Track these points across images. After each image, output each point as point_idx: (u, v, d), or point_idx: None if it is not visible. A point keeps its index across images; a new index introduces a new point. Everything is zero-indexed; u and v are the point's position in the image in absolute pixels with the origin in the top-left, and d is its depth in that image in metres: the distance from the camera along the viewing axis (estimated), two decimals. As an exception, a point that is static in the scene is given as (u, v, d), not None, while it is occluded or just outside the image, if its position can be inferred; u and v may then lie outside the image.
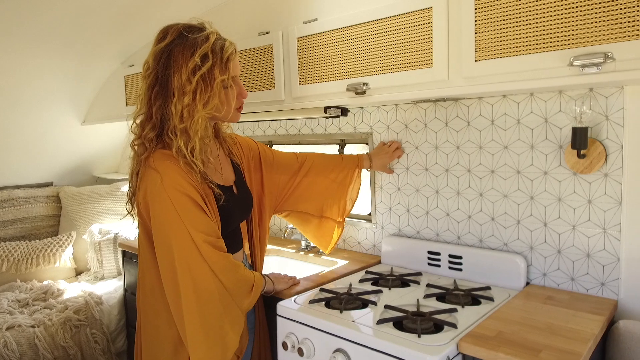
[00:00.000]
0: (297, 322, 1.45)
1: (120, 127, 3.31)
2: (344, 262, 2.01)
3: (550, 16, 1.19)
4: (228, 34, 1.40)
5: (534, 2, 1.22)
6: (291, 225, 2.24)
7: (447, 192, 1.84)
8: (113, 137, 3.41)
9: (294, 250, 2.25)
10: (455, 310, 1.42)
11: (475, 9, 1.32)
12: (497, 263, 1.67)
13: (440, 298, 1.55)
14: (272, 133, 2.53)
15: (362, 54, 1.61)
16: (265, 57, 1.94)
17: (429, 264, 1.85)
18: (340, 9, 1.69)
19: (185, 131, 1.27)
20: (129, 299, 2.52)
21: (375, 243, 2.12)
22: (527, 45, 1.24)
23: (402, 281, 1.73)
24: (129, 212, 1.41)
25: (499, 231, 1.71)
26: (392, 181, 2.02)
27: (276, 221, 2.59)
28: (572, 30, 1.16)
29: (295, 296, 1.59)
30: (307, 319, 1.42)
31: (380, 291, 1.62)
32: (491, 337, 1.23)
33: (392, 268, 1.89)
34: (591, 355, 1.21)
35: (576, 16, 1.16)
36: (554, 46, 1.19)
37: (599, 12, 1.12)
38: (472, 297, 1.54)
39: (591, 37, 1.14)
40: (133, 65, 2.73)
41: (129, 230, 2.78)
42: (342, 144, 2.23)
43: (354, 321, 1.37)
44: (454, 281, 1.68)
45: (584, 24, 1.15)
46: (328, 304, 1.51)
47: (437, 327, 1.32)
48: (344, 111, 1.97)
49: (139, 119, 1.34)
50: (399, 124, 1.95)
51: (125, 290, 2.56)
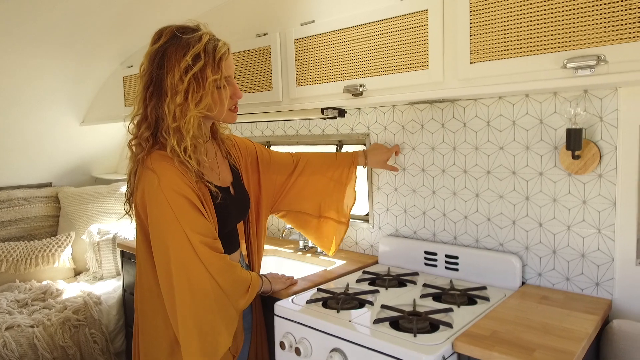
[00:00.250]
0: (294, 321, 1.46)
1: (119, 128, 3.31)
2: (342, 262, 2.02)
3: (544, 19, 1.21)
4: (226, 35, 1.41)
5: (527, 5, 1.23)
6: (289, 225, 2.25)
7: (443, 192, 1.85)
8: (112, 137, 3.42)
9: (292, 251, 2.26)
10: (451, 310, 1.43)
11: (470, 11, 1.33)
12: (492, 263, 1.68)
13: (436, 298, 1.56)
14: (270, 134, 2.54)
15: (359, 55, 1.62)
16: (263, 58, 1.95)
17: (425, 264, 1.86)
18: (337, 11, 1.70)
19: (178, 130, 1.28)
20: (128, 299, 2.53)
21: (372, 243, 2.13)
22: (521, 48, 1.25)
23: (399, 281, 1.74)
24: (127, 213, 1.42)
25: (494, 231, 1.72)
26: (389, 182, 2.03)
27: (274, 221, 2.60)
28: (566, 33, 1.17)
29: (293, 296, 1.60)
30: (305, 319, 1.43)
31: (377, 291, 1.63)
32: (486, 336, 1.24)
33: (389, 268, 1.90)
34: (585, 355, 1.23)
35: (569, 19, 1.17)
36: (548, 49, 1.20)
37: (592, 15, 1.13)
38: (468, 297, 1.55)
39: (584, 39, 1.15)
40: (132, 66, 2.74)
41: (128, 230, 2.79)
42: (340, 145, 2.24)
43: (350, 321, 1.38)
44: (451, 281, 1.70)
45: (577, 27, 1.16)
46: (325, 303, 1.52)
47: (433, 327, 1.33)
48: (341, 112, 1.98)
49: (136, 119, 1.36)
50: (395, 124, 1.97)
51: (124, 290, 2.57)
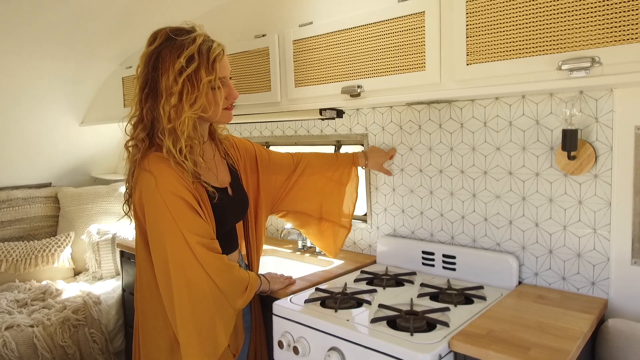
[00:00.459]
0: (292, 321, 1.47)
1: (118, 128, 3.28)
2: (340, 262, 2.03)
3: (539, 21, 1.22)
4: (224, 36, 1.42)
5: (523, 7, 1.24)
6: (288, 225, 2.26)
7: (441, 192, 1.86)
8: (111, 138, 3.42)
9: (291, 251, 2.27)
10: (448, 309, 1.44)
11: (467, 13, 1.34)
12: (489, 263, 1.69)
13: (433, 297, 1.57)
14: (269, 134, 2.55)
15: (357, 57, 1.63)
16: (262, 59, 1.96)
17: (423, 263, 1.88)
18: (335, 12, 1.71)
19: (173, 131, 1.29)
20: (127, 299, 2.54)
21: (370, 243, 2.14)
22: (517, 50, 1.26)
23: (397, 281, 1.75)
24: (126, 214, 1.43)
25: (491, 231, 1.73)
26: (387, 182, 2.04)
27: (273, 221, 2.61)
28: (561, 35, 1.19)
29: (291, 296, 1.61)
30: (303, 318, 1.44)
31: (375, 290, 1.64)
32: (482, 335, 1.25)
33: (387, 268, 1.91)
34: (580, 353, 1.24)
35: (564, 21, 1.18)
36: (543, 50, 1.22)
37: (586, 17, 1.14)
38: (465, 297, 1.56)
39: (579, 41, 1.16)
40: (131, 67, 2.75)
41: (127, 230, 2.80)
42: (338, 145, 2.25)
43: (348, 320, 1.39)
44: (448, 281, 1.71)
45: (572, 29, 1.17)
46: (323, 303, 1.53)
47: (430, 326, 1.34)
48: (340, 113, 1.99)
49: (133, 120, 1.37)
50: (393, 125, 1.98)
51: (124, 290, 2.58)
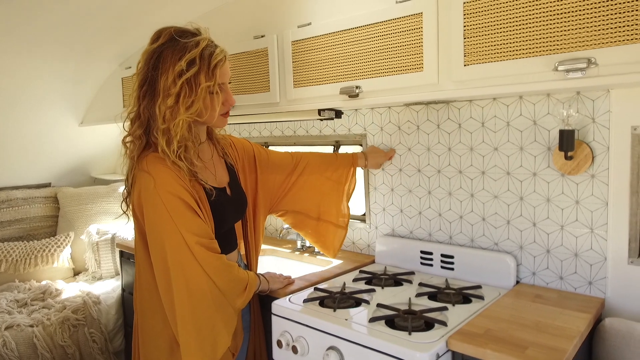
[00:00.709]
0: (291, 320, 1.48)
1: (117, 128, 3.30)
2: (339, 261, 2.04)
3: (536, 22, 1.23)
4: (224, 37, 1.43)
5: (520, 8, 1.25)
6: (287, 225, 2.27)
7: (439, 192, 1.87)
8: (110, 138, 3.43)
9: (290, 250, 2.28)
10: (445, 308, 1.45)
11: (464, 15, 1.35)
12: (487, 262, 1.70)
13: (431, 297, 1.58)
14: (268, 134, 2.56)
15: (355, 57, 1.64)
16: (261, 60, 1.97)
17: (421, 263, 1.88)
18: (333, 13, 1.71)
19: (167, 131, 1.30)
20: (127, 299, 2.54)
21: (369, 243, 2.14)
22: (513, 50, 1.27)
23: (395, 280, 1.76)
24: (124, 212, 1.43)
25: (489, 231, 1.74)
26: (385, 182, 2.05)
27: (272, 221, 2.61)
28: (557, 36, 1.19)
29: (290, 295, 1.62)
30: (301, 318, 1.45)
31: (374, 290, 1.64)
32: (480, 334, 1.26)
33: (385, 267, 1.91)
34: (577, 352, 1.25)
35: (561, 23, 1.19)
36: (540, 51, 1.22)
37: (582, 18, 1.15)
38: (463, 296, 1.57)
39: (575, 43, 1.17)
40: (130, 67, 2.75)
41: (127, 230, 2.80)
42: (337, 146, 2.26)
43: (347, 319, 1.39)
44: (446, 280, 1.72)
45: (568, 30, 1.18)
46: (322, 302, 1.53)
47: (428, 325, 1.35)
48: (338, 113, 2.00)
49: (132, 116, 1.38)
50: (392, 125, 1.98)
51: (123, 290, 2.58)
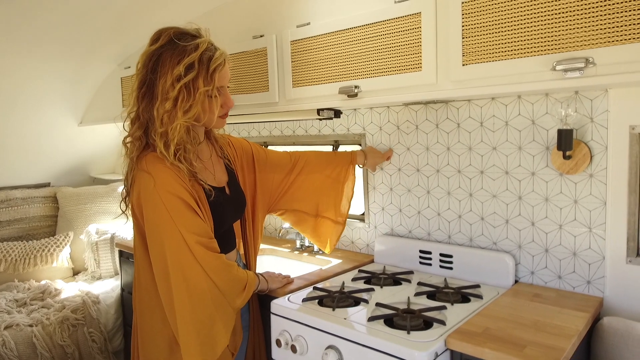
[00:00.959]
0: (290, 319, 1.48)
1: (116, 128, 3.30)
2: (338, 261, 2.05)
3: (534, 22, 1.23)
4: (223, 37, 1.43)
5: (518, 8, 1.25)
6: (286, 225, 2.28)
7: (437, 192, 1.87)
8: (110, 138, 3.43)
9: (289, 250, 2.28)
10: (444, 307, 1.46)
11: (463, 14, 1.35)
12: (486, 262, 1.70)
13: (430, 296, 1.59)
14: (267, 134, 2.56)
15: (354, 57, 1.64)
16: (260, 59, 1.97)
17: (420, 262, 1.89)
18: (332, 13, 1.72)
19: (165, 135, 1.29)
20: (126, 298, 2.54)
21: (368, 242, 2.15)
22: (512, 50, 1.27)
23: (394, 279, 1.77)
24: (123, 212, 1.43)
25: (488, 230, 1.74)
26: (384, 182, 2.05)
27: (271, 221, 2.61)
28: (555, 35, 1.20)
29: (289, 294, 1.62)
30: (300, 317, 1.45)
31: (373, 289, 1.65)
32: (478, 333, 1.26)
33: (384, 267, 1.92)
34: (576, 351, 1.25)
35: (559, 22, 1.19)
36: (538, 51, 1.23)
37: (580, 18, 1.16)
38: (462, 295, 1.57)
39: (573, 42, 1.17)
40: (129, 67, 2.75)
41: (126, 230, 2.80)
42: (336, 145, 2.26)
43: (345, 319, 1.40)
44: (445, 279, 1.72)
45: (566, 30, 1.18)
46: (321, 302, 1.54)
47: (427, 324, 1.35)
48: (337, 113, 2.00)
49: (132, 115, 1.37)
50: (390, 125, 1.99)
51: (122, 289, 2.58)
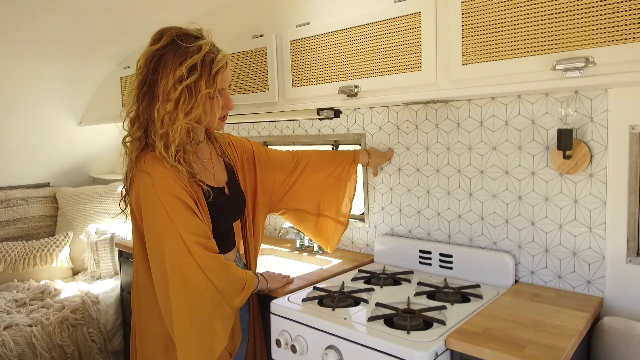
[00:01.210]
0: (290, 319, 1.48)
1: (116, 128, 3.32)
2: (338, 261, 2.04)
3: (534, 22, 1.23)
4: (222, 37, 1.42)
5: (518, 8, 1.25)
6: (286, 224, 2.27)
7: (437, 192, 1.87)
8: (109, 138, 3.43)
9: (289, 250, 2.28)
10: (444, 307, 1.45)
11: (462, 14, 1.35)
12: (486, 261, 1.70)
13: (430, 296, 1.58)
14: (267, 134, 2.56)
15: (353, 57, 1.64)
16: (259, 59, 1.97)
17: (420, 262, 1.89)
18: (332, 13, 1.71)
19: (166, 136, 1.29)
20: (126, 298, 2.54)
21: (368, 242, 2.15)
22: (512, 50, 1.27)
23: (394, 279, 1.76)
24: (122, 211, 1.43)
25: (488, 230, 1.74)
26: (384, 181, 2.05)
27: (271, 221, 2.61)
28: (555, 35, 1.20)
29: (289, 294, 1.62)
30: (300, 317, 1.45)
31: (372, 289, 1.64)
32: (478, 333, 1.26)
33: (384, 267, 1.92)
34: (576, 351, 1.25)
35: (559, 22, 1.19)
36: (538, 50, 1.23)
37: (580, 18, 1.15)
38: (462, 295, 1.57)
39: (573, 42, 1.17)
40: (129, 67, 2.75)
41: (126, 230, 2.80)
42: (336, 145, 2.26)
43: (345, 319, 1.40)
44: (445, 279, 1.72)
45: (566, 29, 1.18)
46: (321, 302, 1.54)
47: (427, 324, 1.35)
48: (337, 113, 2.00)
49: (131, 115, 1.36)
50: (390, 125, 1.99)
51: (122, 289, 2.58)
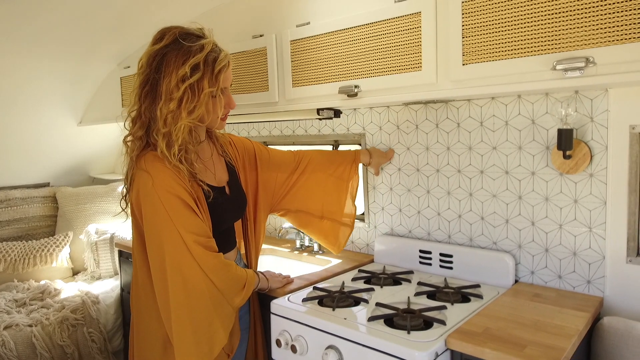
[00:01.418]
0: (290, 319, 1.48)
1: (116, 128, 3.31)
2: (338, 261, 2.05)
3: (534, 21, 1.23)
4: (222, 36, 1.42)
5: (518, 8, 1.25)
6: (286, 224, 2.27)
7: (437, 192, 1.87)
8: (109, 137, 3.42)
9: (289, 250, 2.28)
10: (444, 307, 1.45)
11: (463, 14, 1.35)
12: (486, 261, 1.70)
13: (430, 296, 1.58)
14: (267, 134, 2.56)
15: (354, 57, 1.64)
16: (259, 59, 1.97)
17: (420, 262, 1.89)
18: (332, 13, 1.71)
19: (168, 135, 1.29)
20: (126, 298, 2.54)
21: (368, 242, 2.15)
22: (512, 50, 1.27)
23: (394, 279, 1.76)
24: (123, 210, 1.43)
25: (488, 230, 1.74)
26: (384, 181, 2.05)
27: (271, 221, 2.61)
28: (555, 35, 1.20)
29: (289, 294, 1.62)
30: (300, 317, 1.45)
31: (373, 289, 1.64)
32: (478, 333, 1.26)
33: (384, 267, 1.92)
34: (576, 351, 1.25)
35: (559, 22, 1.19)
36: (538, 50, 1.22)
37: (581, 18, 1.15)
38: (462, 295, 1.57)
39: (573, 42, 1.17)
40: (129, 67, 2.75)
41: (125, 230, 2.80)
42: (336, 145, 2.26)
43: (345, 319, 1.40)
44: (445, 279, 1.72)
45: (566, 29, 1.18)
46: (321, 302, 1.54)
47: (427, 324, 1.35)
48: (337, 113, 2.00)
49: (133, 114, 1.36)
50: (390, 125, 1.99)
51: (122, 289, 2.58)
